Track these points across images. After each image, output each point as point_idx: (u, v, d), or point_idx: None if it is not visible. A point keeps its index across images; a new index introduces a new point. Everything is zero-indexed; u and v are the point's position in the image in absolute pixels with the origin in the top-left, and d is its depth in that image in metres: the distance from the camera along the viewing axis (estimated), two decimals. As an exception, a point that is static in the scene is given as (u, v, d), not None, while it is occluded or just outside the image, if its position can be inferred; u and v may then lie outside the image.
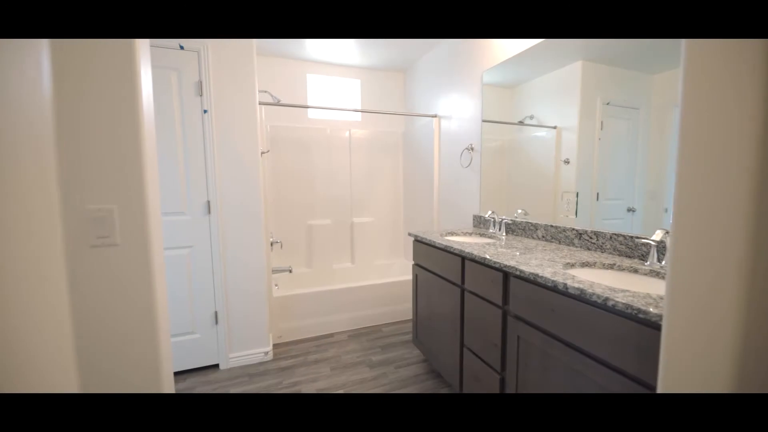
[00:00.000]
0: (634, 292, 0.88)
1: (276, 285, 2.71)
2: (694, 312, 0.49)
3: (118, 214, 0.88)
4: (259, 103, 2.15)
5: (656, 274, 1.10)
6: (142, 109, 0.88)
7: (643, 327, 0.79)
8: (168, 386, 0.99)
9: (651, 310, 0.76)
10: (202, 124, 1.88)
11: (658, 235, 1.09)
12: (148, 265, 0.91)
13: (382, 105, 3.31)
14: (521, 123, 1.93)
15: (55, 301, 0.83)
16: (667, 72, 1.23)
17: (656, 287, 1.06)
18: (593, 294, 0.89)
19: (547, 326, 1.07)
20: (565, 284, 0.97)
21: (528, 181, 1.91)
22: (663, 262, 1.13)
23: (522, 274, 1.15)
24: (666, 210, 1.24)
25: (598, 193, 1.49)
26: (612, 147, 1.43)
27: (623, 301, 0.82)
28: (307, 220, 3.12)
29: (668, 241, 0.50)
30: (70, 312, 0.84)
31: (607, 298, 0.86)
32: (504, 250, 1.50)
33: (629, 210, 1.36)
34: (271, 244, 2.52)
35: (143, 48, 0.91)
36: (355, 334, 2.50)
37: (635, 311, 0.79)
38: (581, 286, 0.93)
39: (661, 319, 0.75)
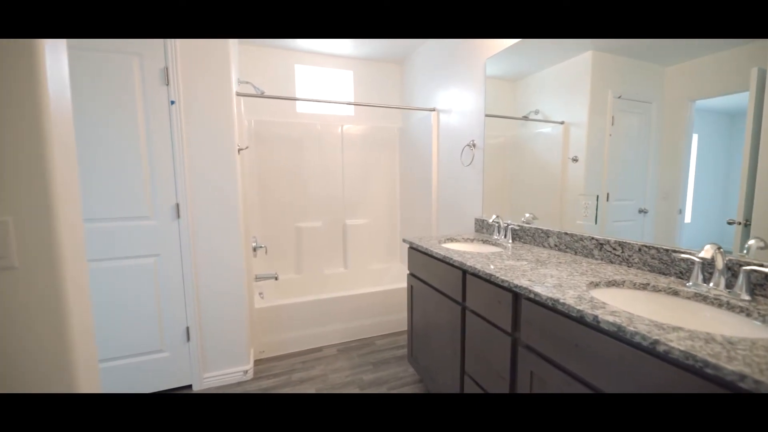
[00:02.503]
0: (691, 331, 0.67)
1: (261, 294, 2.50)
2: None
3: (14, 228, 0.68)
4: (237, 94, 1.93)
5: (703, 298, 0.89)
6: (48, 102, 0.68)
7: (712, 385, 0.58)
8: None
9: (724, 365, 0.55)
10: (169, 117, 1.66)
11: (707, 252, 0.87)
12: (58, 293, 0.71)
13: (376, 98, 3.09)
14: (525, 118, 1.74)
15: None
16: (680, 64, 1.09)
17: (709, 318, 0.85)
18: (636, 333, 0.68)
19: (567, 364, 0.87)
20: (596, 317, 0.76)
21: (533, 180, 1.73)
22: (711, 284, 0.92)
23: (537, 298, 0.94)
24: (680, 211, 1.11)
25: (608, 194, 1.35)
26: (623, 144, 1.29)
27: (680, 348, 0.61)
28: (296, 222, 2.90)
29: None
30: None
31: (656, 341, 0.64)
32: (512, 262, 1.29)
33: (641, 211, 1.24)
34: (254, 250, 2.31)
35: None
36: (345, 348, 2.29)
37: (700, 363, 0.58)
38: (618, 321, 0.72)
39: (740, 379, 0.54)
